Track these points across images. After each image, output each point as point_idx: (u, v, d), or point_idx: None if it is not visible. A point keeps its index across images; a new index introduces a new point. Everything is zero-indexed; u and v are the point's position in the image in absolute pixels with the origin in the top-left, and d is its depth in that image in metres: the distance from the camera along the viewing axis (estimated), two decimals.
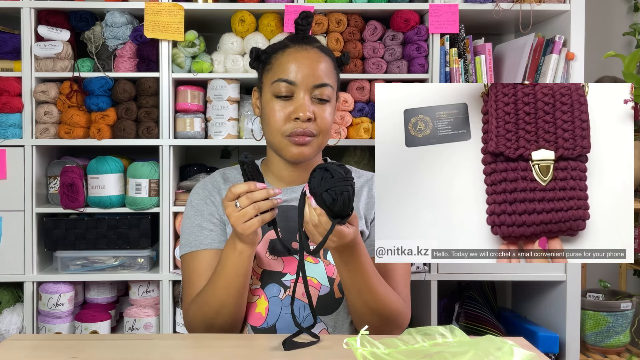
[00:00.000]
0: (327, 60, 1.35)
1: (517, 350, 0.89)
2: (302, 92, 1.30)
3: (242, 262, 1.23)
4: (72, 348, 1.15)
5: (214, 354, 1.12)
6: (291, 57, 1.33)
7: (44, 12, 2.12)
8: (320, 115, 1.31)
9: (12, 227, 2.08)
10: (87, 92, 2.09)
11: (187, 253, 1.36)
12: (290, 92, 1.31)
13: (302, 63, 1.31)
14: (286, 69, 1.31)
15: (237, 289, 1.25)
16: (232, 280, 1.24)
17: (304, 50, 1.34)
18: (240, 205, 1.15)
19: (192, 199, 1.41)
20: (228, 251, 1.24)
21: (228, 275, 1.24)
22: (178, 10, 2.07)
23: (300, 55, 1.32)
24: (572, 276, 2.12)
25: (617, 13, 2.67)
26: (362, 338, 0.92)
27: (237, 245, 1.22)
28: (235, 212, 1.16)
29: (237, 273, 1.23)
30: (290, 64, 1.31)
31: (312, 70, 1.31)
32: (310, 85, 1.31)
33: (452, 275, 2.12)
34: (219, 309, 1.26)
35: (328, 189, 1.08)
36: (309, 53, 1.33)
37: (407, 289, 1.39)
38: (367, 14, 2.16)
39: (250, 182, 1.16)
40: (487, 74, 2.10)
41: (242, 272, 1.24)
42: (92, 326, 2.10)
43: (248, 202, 1.15)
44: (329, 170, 1.09)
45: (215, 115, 2.12)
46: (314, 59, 1.33)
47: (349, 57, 1.43)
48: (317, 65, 1.32)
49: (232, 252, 1.23)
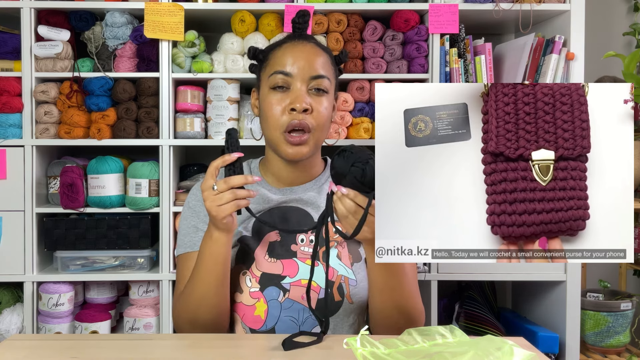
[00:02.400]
0: (323, 55, 1.35)
1: (517, 350, 0.89)
2: (299, 84, 1.30)
3: (219, 250, 1.22)
4: (72, 348, 1.15)
5: (214, 353, 1.12)
6: (287, 50, 1.33)
7: (44, 12, 2.12)
8: (317, 108, 1.30)
9: (12, 227, 2.08)
10: (87, 92, 2.09)
11: (183, 254, 1.37)
12: (287, 84, 1.31)
13: (299, 56, 1.31)
14: (283, 61, 1.31)
15: (216, 278, 1.24)
16: (209, 270, 1.24)
17: (300, 44, 1.34)
18: (218, 189, 1.16)
19: (189, 200, 1.41)
20: (205, 240, 1.24)
21: (206, 265, 1.24)
22: (178, 10, 2.07)
23: (296, 49, 1.33)
24: (572, 276, 2.12)
25: (617, 13, 2.67)
26: (362, 338, 0.92)
27: (212, 233, 1.22)
28: (211, 194, 1.16)
29: (215, 262, 1.23)
30: (287, 57, 1.32)
31: (308, 62, 1.31)
32: (307, 76, 1.30)
33: (452, 275, 2.12)
34: (200, 301, 1.26)
35: (353, 163, 1.10)
36: (305, 47, 1.34)
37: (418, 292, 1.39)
38: (367, 14, 2.16)
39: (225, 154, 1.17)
40: (487, 74, 2.10)
41: (220, 261, 1.23)
42: (92, 326, 2.10)
43: (226, 186, 1.16)
44: (345, 150, 1.12)
45: (215, 115, 2.12)
46: (310, 52, 1.33)
47: (347, 54, 1.43)
48: (313, 57, 1.32)
49: (208, 240, 1.23)
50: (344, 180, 1.11)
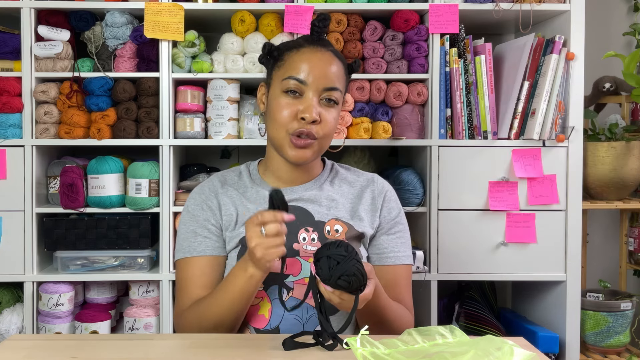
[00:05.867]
0: (339, 65, 1.35)
1: (517, 350, 0.89)
2: (312, 93, 1.30)
3: (250, 287, 1.24)
4: (72, 348, 1.15)
5: (214, 353, 1.12)
6: (305, 56, 1.33)
7: (44, 12, 2.11)
8: (326, 119, 1.32)
9: (12, 227, 2.07)
10: (87, 92, 2.09)
11: (181, 259, 1.37)
12: (300, 91, 1.31)
13: (315, 64, 1.31)
14: (298, 67, 1.31)
15: (239, 309, 1.26)
16: (236, 301, 1.25)
17: (318, 52, 1.34)
18: (267, 233, 1.16)
19: (189, 204, 1.41)
20: (238, 272, 1.24)
21: (233, 296, 1.24)
22: (178, 10, 2.07)
23: (314, 57, 1.33)
24: (572, 276, 2.12)
25: (617, 13, 2.67)
26: (362, 338, 0.92)
27: (248, 269, 1.22)
28: (260, 238, 1.16)
29: (242, 295, 1.24)
30: (303, 63, 1.32)
31: (323, 73, 1.31)
32: (321, 87, 1.31)
33: (452, 275, 2.12)
34: (217, 324, 1.27)
35: (340, 276, 1.11)
36: (323, 55, 1.34)
37: (410, 297, 1.43)
38: (367, 14, 2.16)
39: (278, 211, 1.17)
40: (487, 74, 2.10)
41: (247, 295, 1.25)
42: (92, 326, 2.10)
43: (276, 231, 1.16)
44: (332, 257, 1.12)
45: (215, 115, 2.12)
46: (326, 62, 1.33)
47: (360, 64, 1.44)
48: (329, 68, 1.32)
49: (242, 274, 1.23)
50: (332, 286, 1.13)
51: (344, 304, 1.15)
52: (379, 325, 1.30)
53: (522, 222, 2.10)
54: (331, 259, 1.12)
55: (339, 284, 1.11)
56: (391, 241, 1.41)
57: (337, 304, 1.16)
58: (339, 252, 1.12)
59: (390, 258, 1.40)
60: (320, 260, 1.13)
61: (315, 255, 1.14)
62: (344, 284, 1.11)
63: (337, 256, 1.12)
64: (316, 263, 1.14)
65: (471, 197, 2.10)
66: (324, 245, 1.15)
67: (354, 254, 1.13)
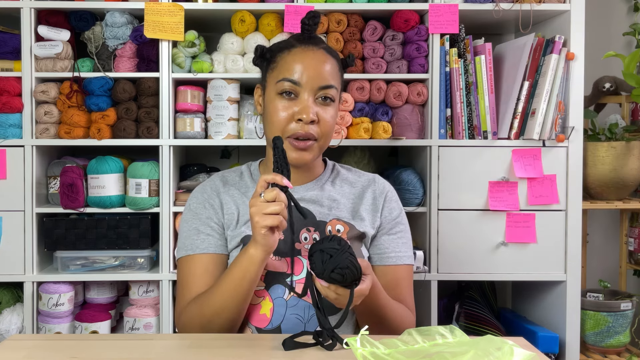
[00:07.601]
0: (332, 62, 1.35)
1: (517, 350, 0.89)
2: (307, 94, 1.30)
3: (251, 267, 1.22)
4: (72, 348, 1.15)
5: (215, 353, 1.12)
6: (297, 57, 1.32)
7: (44, 12, 2.11)
8: (323, 118, 1.31)
9: (12, 227, 2.07)
10: (87, 92, 2.09)
11: (184, 257, 1.36)
12: (295, 92, 1.30)
13: (308, 64, 1.31)
14: (291, 68, 1.31)
15: (240, 294, 1.24)
16: (236, 284, 1.23)
17: (310, 51, 1.33)
18: (265, 198, 1.15)
19: (191, 202, 1.40)
20: (239, 255, 1.24)
21: (233, 279, 1.23)
22: (178, 10, 2.07)
23: (306, 56, 1.32)
24: (572, 276, 2.12)
25: (617, 13, 2.67)
26: (362, 338, 0.92)
27: (249, 249, 1.21)
28: (258, 200, 1.16)
29: (243, 277, 1.23)
30: (295, 64, 1.31)
31: (317, 72, 1.31)
32: (316, 86, 1.30)
33: (452, 275, 2.12)
34: (219, 311, 1.26)
35: (333, 269, 1.11)
36: (315, 54, 1.33)
37: (412, 297, 1.43)
38: (367, 14, 2.16)
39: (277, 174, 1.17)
40: (487, 74, 2.10)
41: (248, 277, 1.23)
42: (92, 326, 2.10)
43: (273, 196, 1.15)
44: (325, 250, 1.12)
45: (215, 115, 2.12)
46: (319, 60, 1.32)
47: (354, 59, 1.43)
48: (322, 66, 1.32)
49: (242, 255, 1.23)
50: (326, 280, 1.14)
51: (341, 299, 1.15)
52: (379, 324, 1.30)
53: (522, 222, 2.10)
54: (324, 253, 1.12)
55: (332, 277, 1.11)
56: (392, 241, 1.41)
57: (333, 300, 1.15)
58: (332, 245, 1.13)
59: (391, 258, 1.40)
60: (313, 255, 1.13)
61: (310, 250, 1.15)
62: (338, 277, 1.11)
63: (329, 249, 1.12)
64: (310, 258, 1.14)
65: (471, 197, 2.10)
66: (318, 241, 1.16)
67: (347, 247, 1.13)
